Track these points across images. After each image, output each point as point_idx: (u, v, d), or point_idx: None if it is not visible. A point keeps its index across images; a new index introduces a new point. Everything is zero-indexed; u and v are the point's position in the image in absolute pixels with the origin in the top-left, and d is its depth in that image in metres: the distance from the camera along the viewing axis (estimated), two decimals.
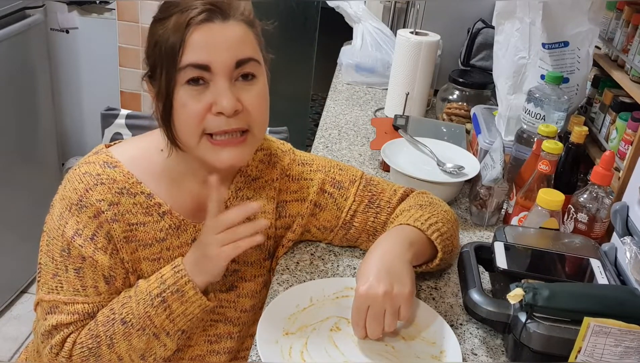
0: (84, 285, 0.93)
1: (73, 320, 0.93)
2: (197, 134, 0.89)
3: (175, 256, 0.98)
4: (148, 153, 0.97)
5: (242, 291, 1.05)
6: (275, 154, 1.07)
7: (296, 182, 1.08)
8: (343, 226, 1.10)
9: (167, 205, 0.97)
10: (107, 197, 0.92)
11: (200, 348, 1.04)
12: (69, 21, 2.64)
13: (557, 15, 1.34)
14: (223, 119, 0.88)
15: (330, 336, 0.93)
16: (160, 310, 0.91)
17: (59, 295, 0.93)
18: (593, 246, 1.04)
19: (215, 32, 0.87)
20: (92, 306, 0.93)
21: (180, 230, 0.98)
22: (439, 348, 0.92)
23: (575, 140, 1.21)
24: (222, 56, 0.87)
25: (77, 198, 0.91)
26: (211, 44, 0.86)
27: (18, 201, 2.27)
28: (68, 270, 0.92)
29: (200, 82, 0.87)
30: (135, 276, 0.97)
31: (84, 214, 0.91)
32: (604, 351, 0.82)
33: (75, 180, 0.93)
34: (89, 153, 0.99)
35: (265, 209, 1.05)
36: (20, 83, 2.21)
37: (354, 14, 2.03)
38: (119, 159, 0.95)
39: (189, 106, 0.88)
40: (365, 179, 1.11)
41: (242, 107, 0.89)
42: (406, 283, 0.91)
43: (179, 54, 0.86)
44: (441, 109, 1.76)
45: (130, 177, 0.95)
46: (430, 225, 1.02)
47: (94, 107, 2.75)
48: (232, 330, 1.05)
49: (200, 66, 0.86)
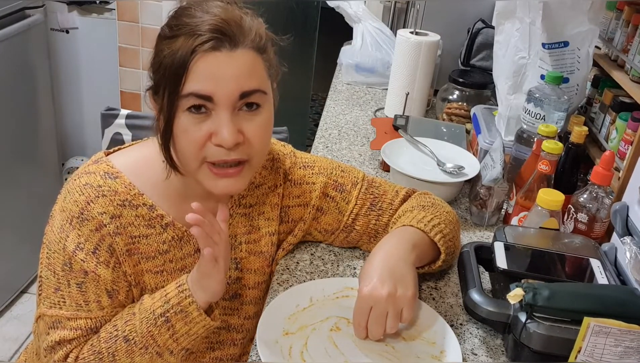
0: (87, 300, 0.91)
1: (76, 335, 0.91)
2: (197, 160, 0.87)
3: (178, 268, 0.97)
4: (150, 162, 0.94)
5: (246, 298, 1.04)
6: (277, 158, 1.06)
7: (298, 186, 1.07)
8: (345, 229, 1.10)
9: (169, 216, 0.95)
10: (108, 210, 0.91)
11: (202, 355, 1.03)
12: (69, 21, 2.64)
13: (557, 15, 1.34)
14: (223, 150, 0.86)
15: (330, 336, 0.93)
16: (163, 330, 0.90)
17: (62, 310, 0.91)
18: (593, 246, 1.04)
19: (221, 62, 0.83)
20: (94, 321, 0.92)
21: (183, 241, 0.97)
22: (439, 348, 0.92)
23: (575, 140, 1.21)
24: (226, 88, 0.84)
25: (78, 211, 0.90)
26: (216, 75, 0.83)
27: (18, 201, 2.27)
28: (70, 284, 0.91)
29: (202, 110, 0.85)
30: (138, 289, 0.95)
31: (85, 228, 0.90)
32: (604, 351, 0.82)
33: (76, 192, 0.91)
34: (89, 161, 0.97)
35: (270, 217, 1.04)
36: (20, 83, 2.21)
37: (354, 14, 2.03)
38: (120, 169, 0.94)
39: (190, 133, 0.85)
40: (367, 181, 1.11)
41: (244, 138, 0.87)
42: (409, 285, 0.90)
43: (182, 81, 0.83)
44: (441, 109, 1.76)
45: (132, 188, 0.93)
46: (433, 227, 1.02)
47: (94, 107, 2.75)
48: (236, 337, 1.05)
49: (202, 96, 0.83)
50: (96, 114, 1.45)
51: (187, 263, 0.98)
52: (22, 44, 2.18)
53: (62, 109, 2.80)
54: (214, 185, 0.89)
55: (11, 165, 2.21)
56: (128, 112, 1.40)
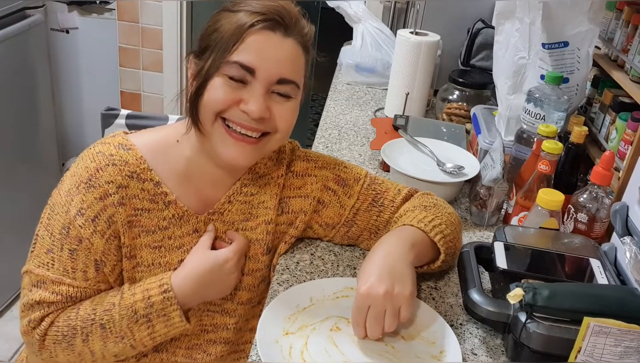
0: (74, 268, 0.94)
1: (56, 300, 0.95)
2: (214, 113, 0.92)
3: (176, 246, 1.00)
4: (163, 143, 1.00)
5: (240, 284, 1.06)
6: (282, 151, 1.08)
7: (300, 178, 1.08)
8: (345, 224, 1.10)
9: (172, 195, 0.99)
10: (116, 179, 0.94)
11: (197, 337, 1.05)
12: (69, 21, 2.65)
13: (557, 15, 1.34)
14: (247, 116, 0.91)
15: (331, 336, 0.93)
16: (143, 328, 0.95)
17: (48, 272, 0.94)
18: (593, 246, 1.04)
19: (273, 42, 0.90)
20: (76, 290, 0.95)
21: (183, 220, 1.00)
22: (439, 348, 0.92)
23: (575, 140, 1.21)
24: (270, 67, 0.90)
25: (87, 177, 0.93)
26: (264, 52, 0.90)
27: (18, 201, 2.27)
28: (63, 249, 0.94)
29: (240, 81, 0.90)
30: (132, 263, 0.98)
31: (90, 195, 0.93)
32: (604, 351, 0.82)
33: (88, 158, 0.95)
34: (106, 135, 1.02)
35: (268, 206, 1.06)
36: (20, 83, 2.21)
37: (354, 14, 2.03)
38: (134, 143, 0.97)
39: (220, 93, 0.90)
40: (370, 178, 1.12)
41: (270, 115, 0.93)
42: (407, 283, 0.91)
43: (232, 49, 0.89)
44: (441, 109, 1.76)
45: (142, 162, 0.97)
46: (434, 227, 1.02)
47: (94, 107, 2.75)
48: (229, 322, 1.07)
49: (247, 67, 0.89)
50: (96, 114, 1.45)
51: (185, 241, 1.01)
52: (22, 44, 2.18)
53: (62, 109, 2.80)
54: (224, 150, 0.94)
55: (11, 165, 2.21)
56: (128, 113, 1.40)
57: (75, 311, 0.95)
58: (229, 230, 1.04)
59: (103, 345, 0.95)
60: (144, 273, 0.99)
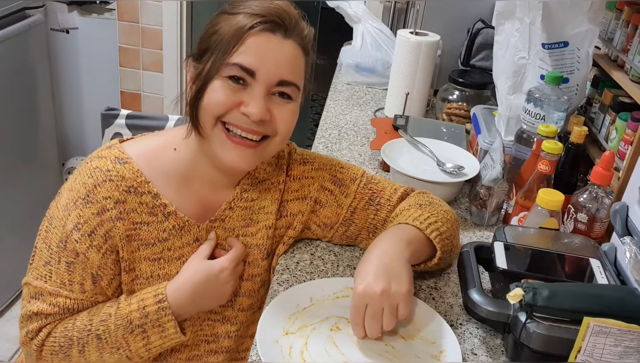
0: (72, 280, 0.94)
1: (53, 311, 0.95)
2: (215, 117, 0.91)
3: (175, 257, 0.99)
4: (160, 151, 0.99)
5: (240, 290, 1.05)
6: (282, 156, 1.08)
7: (297, 181, 1.08)
8: (343, 223, 1.10)
9: (172, 206, 0.98)
10: (114, 195, 0.94)
11: (197, 348, 1.05)
12: (69, 21, 2.65)
13: (557, 15, 1.34)
14: (247, 119, 0.91)
15: (330, 336, 0.93)
16: (138, 339, 0.95)
17: (46, 284, 0.95)
18: (593, 246, 1.04)
19: (273, 44, 0.90)
20: (73, 302, 0.95)
21: (184, 230, 1.00)
22: (438, 348, 0.92)
23: (575, 140, 1.21)
24: (270, 69, 0.90)
25: (85, 193, 0.93)
26: (264, 54, 0.90)
27: (18, 201, 2.27)
28: (60, 262, 0.94)
29: (239, 82, 0.90)
30: (130, 276, 0.97)
31: (87, 210, 0.93)
32: (604, 351, 0.82)
33: (86, 174, 0.95)
34: (103, 146, 1.01)
35: (269, 211, 1.06)
36: (20, 83, 2.21)
37: (354, 14, 2.03)
38: (130, 156, 0.97)
39: (220, 95, 0.90)
40: (367, 178, 1.12)
41: (270, 118, 0.93)
42: (404, 281, 0.91)
43: (232, 51, 0.89)
44: (441, 109, 1.76)
45: (139, 176, 0.96)
46: (429, 224, 1.02)
47: (94, 107, 2.75)
48: (230, 330, 1.06)
49: (246, 69, 0.89)
50: (96, 114, 1.45)
51: (185, 252, 1.00)
52: (22, 44, 2.18)
53: (62, 109, 2.80)
54: (224, 154, 0.93)
55: (11, 165, 2.21)
56: (128, 113, 1.40)
57: (72, 322, 0.95)
58: (229, 236, 1.03)
59: (99, 356, 0.95)
60: (142, 285, 0.99)
